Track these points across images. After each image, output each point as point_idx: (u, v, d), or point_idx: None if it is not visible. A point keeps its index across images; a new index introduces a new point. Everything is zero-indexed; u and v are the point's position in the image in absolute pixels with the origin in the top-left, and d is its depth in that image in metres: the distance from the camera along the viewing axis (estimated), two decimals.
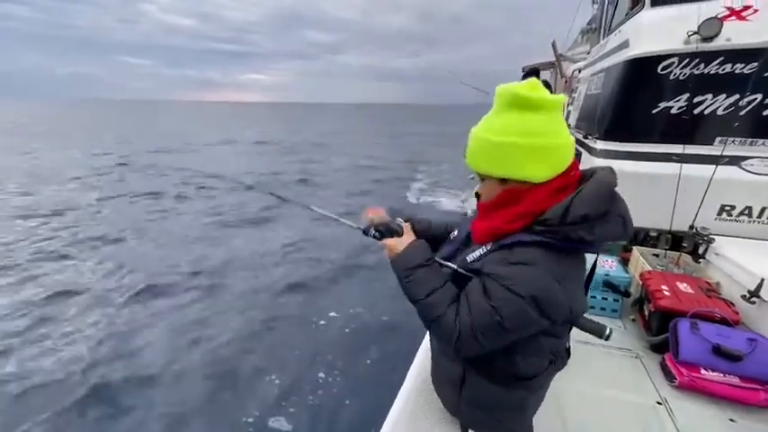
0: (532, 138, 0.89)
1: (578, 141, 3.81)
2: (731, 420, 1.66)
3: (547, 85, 4.82)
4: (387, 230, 1.05)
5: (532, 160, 0.90)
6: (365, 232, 1.06)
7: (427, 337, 1.72)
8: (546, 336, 1.01)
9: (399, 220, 1.08)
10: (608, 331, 0.99)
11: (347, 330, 4.34)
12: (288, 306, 4.91)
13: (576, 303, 0.93)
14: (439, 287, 0.98)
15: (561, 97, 0.94)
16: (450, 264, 1.03)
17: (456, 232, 1.18)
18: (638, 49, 2.87)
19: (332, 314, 4.62)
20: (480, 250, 1.00)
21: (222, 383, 3.54)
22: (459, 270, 1.01)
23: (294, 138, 28.47)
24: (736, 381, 1.74)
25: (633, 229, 0.94)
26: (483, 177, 1.00)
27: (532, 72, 4.91)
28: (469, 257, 1.01)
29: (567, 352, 1.19)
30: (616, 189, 0.90)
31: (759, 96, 2.56)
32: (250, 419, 3.14)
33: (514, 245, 0.91)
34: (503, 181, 0.96)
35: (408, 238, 1.07)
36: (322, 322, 4.49)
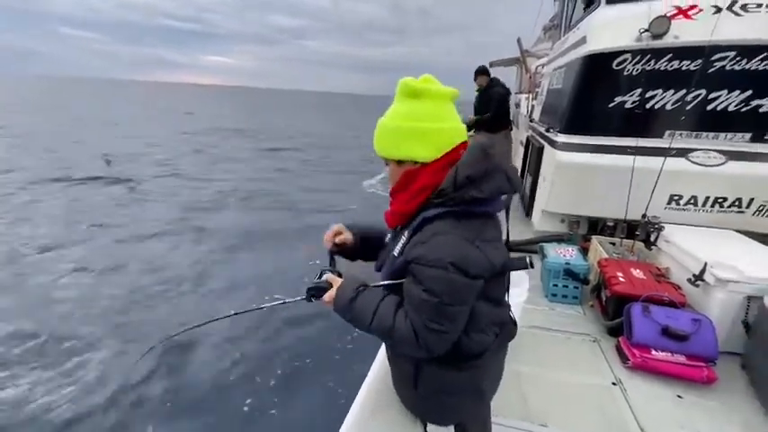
0: (416, 121, 0.99)
1: (541, 135, 3.92)
2: (678, 397, 1.78)
3: (497, 81, 4.92)
4: (320, 290, 1.11)
5: (416, 141, 1.00)
6: (308, 300, 1.13)
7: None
8: (483, 305, 1.04)
9: (326, 274, 1.14)
10: (528, 259, 1.07)
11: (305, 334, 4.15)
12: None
13: (495, 257, 0.99)
14: (378, 303, 1.03)
15: (450, 90, 1.04)
16: (382, 283, 1.09)
17: (389, 235, 1.22)
18: (594, 45, 2.97)
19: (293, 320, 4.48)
20: (401, 241, 1.05)
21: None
22: (391, 282, 1.07)
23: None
24: (682, 359, 1.86)
25: (520, 183, 1.06)
26: (387, 162, 1.09)
27: (483, 69, 4.97)
28: (395, 251, 1.06)
29: (513, 322, 1.22)
30: (489, 149, 1.00)
31: (703, 92, 2.72)
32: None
33: (422, 223, 0.99)
34: (399, 163, 1.05)
35: (336, 284, 1.11)
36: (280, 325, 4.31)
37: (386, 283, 1.08)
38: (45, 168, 11.13)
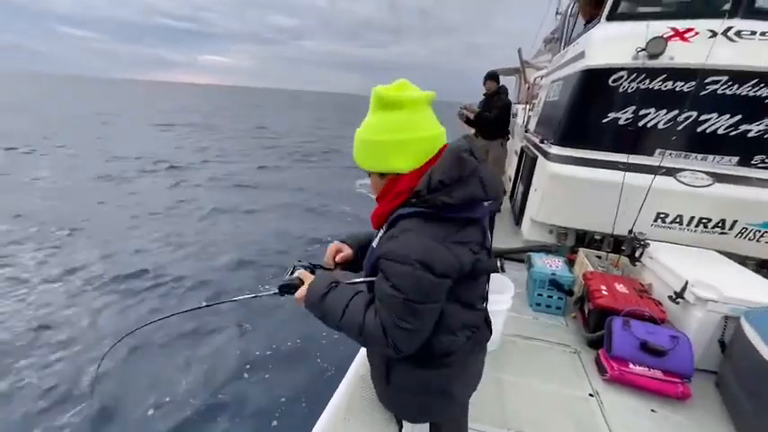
0: (393, 134, 0.98)
1: (535, 145, 3.96)
2: (653, 411, 1.80)
3: (504, 90, 4.95)
4: (292, 287, 1.11)
5: (396, 154, 0.99)
6: (280, 294, 1.13)
7: None
8: (454, 308, 1.04)
9: (299, 270, 1.14)
10: (499, 263, 1.08)
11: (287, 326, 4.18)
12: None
13: (465, 258, 0.98)
14: (349, 301, 1.02)
15: (426, 94, 1.01)
16: (357, 280, 1.09)
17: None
18: (592, 60, 3.01)
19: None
20: (379, 235, 1.06)
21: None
22: (363, 280, 1.07)
23: None
24: (659, 374, 1.89)
25: (499, 190, 1.03)
26: (368, 173, 1.08)
27: (494, 74, 5.00)
28: (375, 244, 1.07)
29: (488, 326, 1.23)
30: (465, 154, 0.98)
31: (694, 114, 2.78)
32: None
33: (397, 219, 0.99)
34: (382, 175, 1.05)
35: (308, 281, 1.11)
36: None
37: (358, 281, 1.08)
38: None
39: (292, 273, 1.12)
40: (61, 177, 10.02)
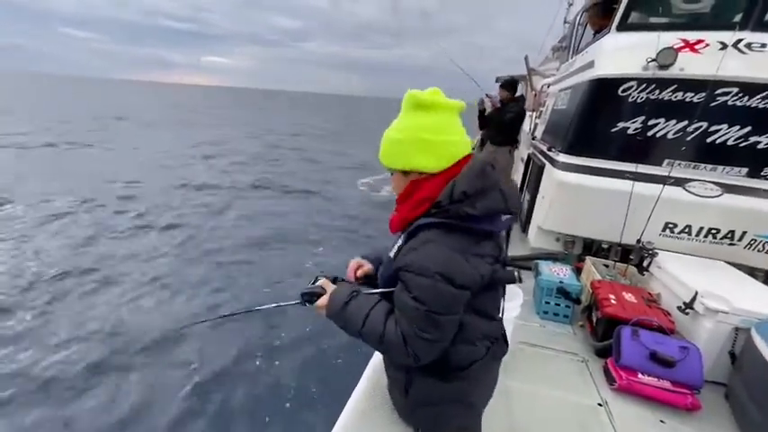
0: (424, 133, 1.01)
1: (542, 153, 3.97)
2: (661, 422, 1.80)
3: (523, 99, 4.98)
4: (314, 295, 1.13)
5: (421, 152, 1.01)
6: (303, 304, 1.15)
7: None
8: (473, 318, 1.05)
9: (321, 279, 1.17)
10: (516, 273, 1.10)
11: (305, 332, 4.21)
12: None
13: (484, 270, 1.00)
14: (370, 309, 1.03)
15: (458, 103, 1.06)
16: (375, 290, 1.11)
17: None
18: (602, 70, 3.03)
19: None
20: (396, 245, 1.07)
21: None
22: (384, 291, 1.08)
23: None
24: (668, 385, 1.88)
25: (517, 202, 1.05)
26: (392, 172, 1.10)
27: (512, 82, 4.99)
28: (391, 253, 1.08)
29: (504, 339, 1.24)
30: (488, 167, 1.01)
31: (704, 124, 2.78)
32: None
33: (417, 230, 1.01)
34: (405, 173, 1.07)
35: (330, 289, 1.13)
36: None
37: (378, 291, 1.10)
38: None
39: (314, 282, 1.15)
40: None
